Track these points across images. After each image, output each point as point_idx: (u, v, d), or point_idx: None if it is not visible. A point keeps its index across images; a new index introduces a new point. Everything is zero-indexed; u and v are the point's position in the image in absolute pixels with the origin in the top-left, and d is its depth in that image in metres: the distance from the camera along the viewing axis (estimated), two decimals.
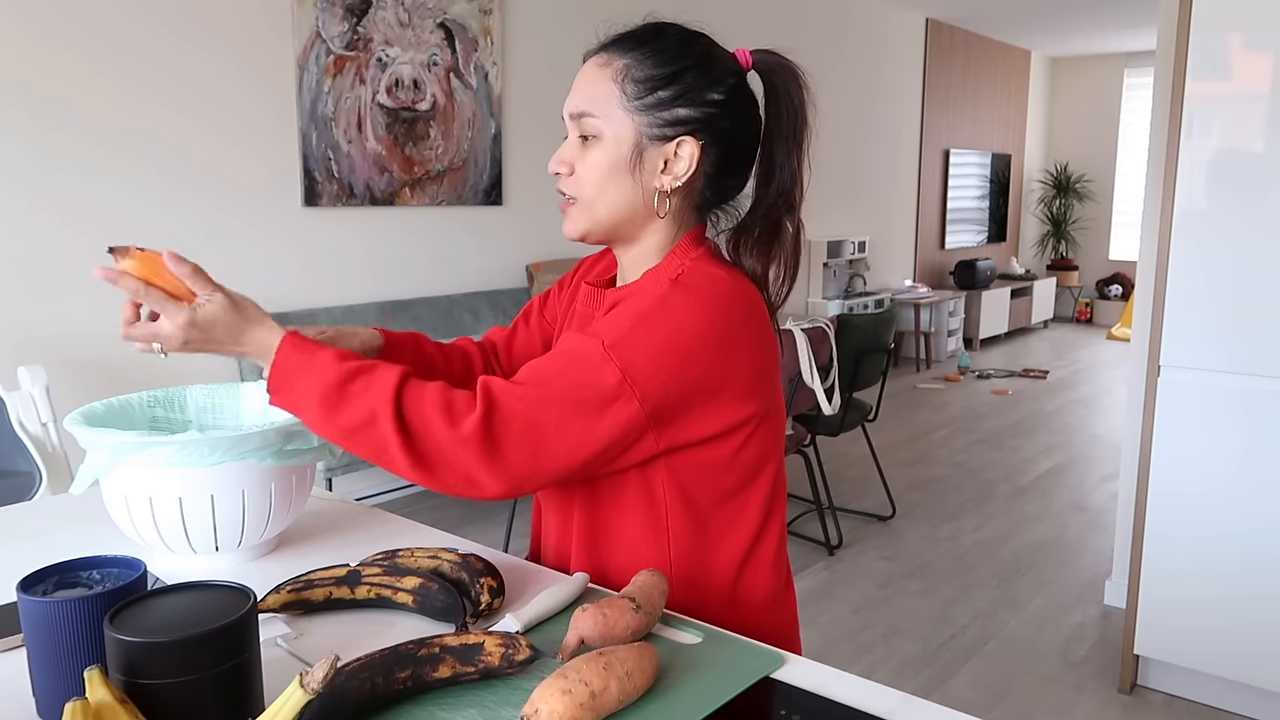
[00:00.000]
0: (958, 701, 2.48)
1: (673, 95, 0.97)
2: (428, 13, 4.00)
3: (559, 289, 1.22)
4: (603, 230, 1.01)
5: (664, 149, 0.98)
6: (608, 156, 0.98)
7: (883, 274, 7.45)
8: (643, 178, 0.98)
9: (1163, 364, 2.33)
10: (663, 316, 0.91)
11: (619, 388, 0.89)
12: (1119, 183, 9.50)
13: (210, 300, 0.93)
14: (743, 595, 1.02)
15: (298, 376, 0.91)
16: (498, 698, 0.79)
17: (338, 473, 3.33)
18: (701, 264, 0.98)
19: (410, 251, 4.11)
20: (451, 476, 0.88)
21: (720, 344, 0.93)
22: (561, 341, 0.95)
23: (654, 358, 0.90)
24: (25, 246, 2.97)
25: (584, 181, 0.99)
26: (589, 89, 0.98)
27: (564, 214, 1.03)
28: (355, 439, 0.89)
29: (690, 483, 0.98)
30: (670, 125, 0.97)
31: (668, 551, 0.99)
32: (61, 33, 2.99)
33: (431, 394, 0.89)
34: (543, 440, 0.88)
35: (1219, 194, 2.22)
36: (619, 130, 0.97)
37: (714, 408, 0.94)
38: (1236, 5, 2.15)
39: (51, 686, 0.75)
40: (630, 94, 0.96)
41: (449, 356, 1.20)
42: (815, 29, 6.30)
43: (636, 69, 0.97)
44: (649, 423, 0.91)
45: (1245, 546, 2.27)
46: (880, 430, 5.25)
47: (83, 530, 1.21)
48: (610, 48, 0.99)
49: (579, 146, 1.00)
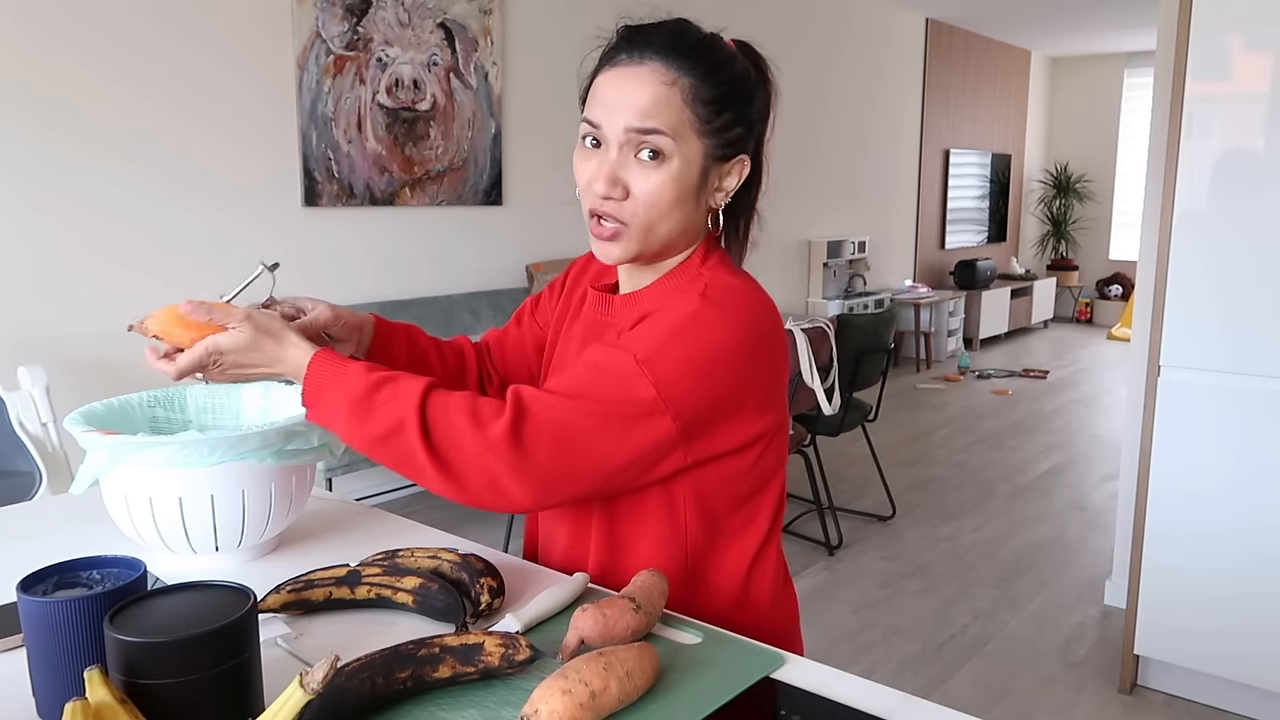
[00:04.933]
0: (958, 701, 2.48)
1: (733, 116, 0.95)
2: (428, 13, 4.00)
3: (550, 292, 1.21)
4: (651, 253, 0.98)
5: (722, 168, 0.97)
6: (678, 181, 0.94)
7: (883, 274, 7.45)
8: (704, 199, 0.98)
9: (1163, 364, 2.33)
10: (695, 332, 0.91)
11: (653, 403, 0.89)
12: (1119, 183, 9.50)
13: (237, 329, 0.94)
14: (752, 596, 1.03)
15: (329, 389, 0.91)
16: (498, 698, 0.79)
17: (338, 473, 3.33)
18: (721, 274, 0.98)
19: (410, 252, 4.11)
20: (477, 485, 0.87)
21: (748, 359, 0.93)
22: (588, 353, 0.94)
23: (687, 373, 0.89)
24: (26, 247, 2.97)
25: (644, 206, 0.94)
26: (658, 107, 0.91)
27: (600, 238, 0.96)
28: (383, 448, 0.89)
29: (709, 491, 0.98)
30: (730, 145, 0.96)
31: (684, 557, 1.00)
32: (61, 35, 2.99)
33: (458, 401, 0.88)
34: (573, 451, 0.87)
35: (1219, 194, 2.22)
36: (690, 154, 0.93)
37: (740, 420, 0.94)
38: (1236, 5, 2.15)
39: (51, 686, 0.75)
40: (701, 117, 0.93)
41: (442, 351, 1.19)
42: (815, 29, 6.30)
43: (702, 89, 0.93)
44: (679, 438, 0.91)
45: (1245, 546, 2.27)
46: (880, 430, 5.25)
47: (83, 530, 1.21)
48: (670, 61, 0.92)
49: (634, 165, 0.93)
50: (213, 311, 0.95)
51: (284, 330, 0.95)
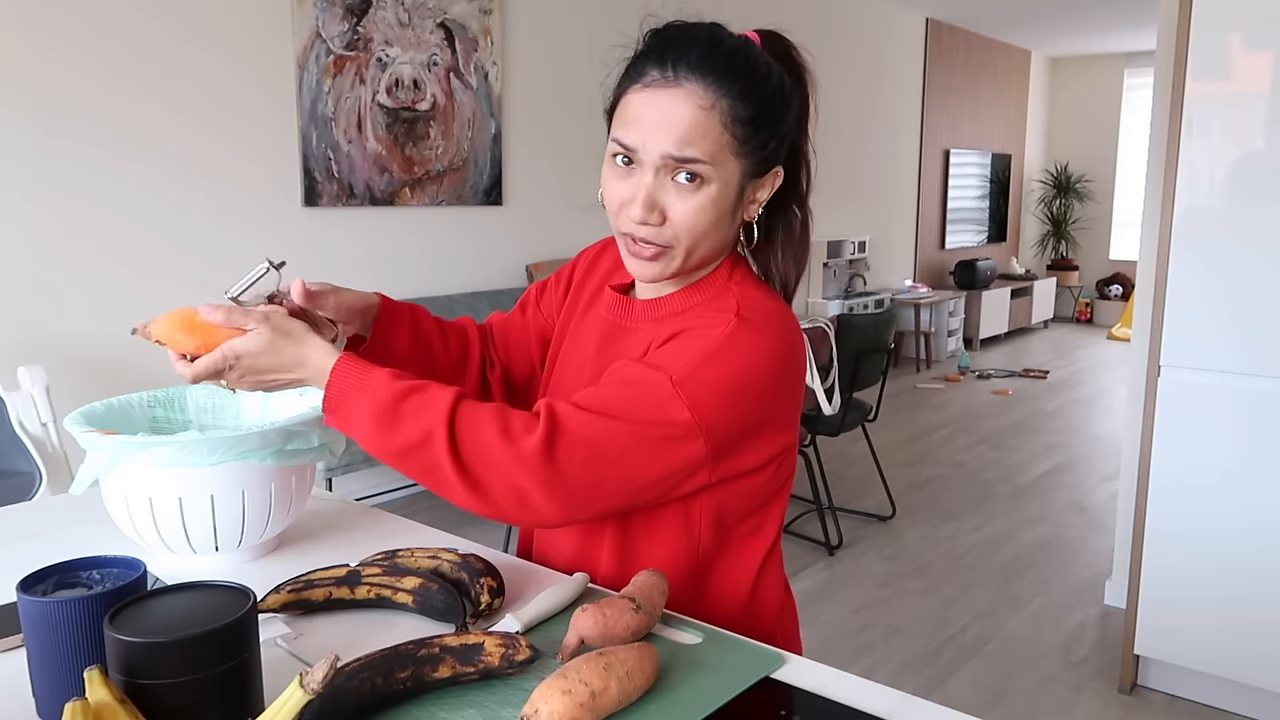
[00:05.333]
0: (958, 701, 2.48)
1: (770, 132, 0.93)
2: (428, 13, 4.00)
3: (556, 281, 1.19)
4: (689, 270, 0.98)
5: (758, 183, 0.96)
6: (718, 204, 0.93)
7: (883, 274, 7.45)
8: (739, 214, 0.97)
9: (1163, 364, 2.33)
10: (731, 356, 0.90)
11: (688, 426, 0.88)
12: (1119, 183, 9.50)
13: (255, 331, 0.91)
14: (758, 601, 1.04)
15: (352, 396, 0.89)
16: (498, 698, 0.79)
17: (338, 473, 3.33)
18: (750, 290, 0.97)
19: (410, 251, 4.11)
20: (505, 499, 0.86)
21: (779, 383, 0.93)
22: (622, 370, 0.93)
23: (723, 397, 0.89)
24: (25, 247, 2.97)
25: (685, 230, 0.93)
26: (697, 134, 0.89)
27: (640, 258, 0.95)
28: (408, 460, 0.87)
29: (726, 505, 0.98)
30: (766, 160, 0.95)
31: (694, 565, 1.00)
32: (61, 35, 2.99)
33: (489, 414, 0.87)
34: (604, 468, 0.87)
35: (1219, 194, 2.22)
36: (729, 176, 0.92)
37: (765, 439, 0.95)
38: (1236, 5, 2.15)
39: (51, 686, 0.75)
40: (740, 137, 0.91)
41: (446, 334, 1.16)
42: (815, 29, 6.29)
43: (740, 108, 0.90)
44: (708, 459, 0.91)
45: (1245, 546, 2.27)
46: (880, 430, 5.25)
47: (83, 530, 1.21)
48: (708, 82, 0.89)
49: (671, 188, 0.92)
50: (231, 315, 0.91)
51: (304, 333, 0.92)
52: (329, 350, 0.92)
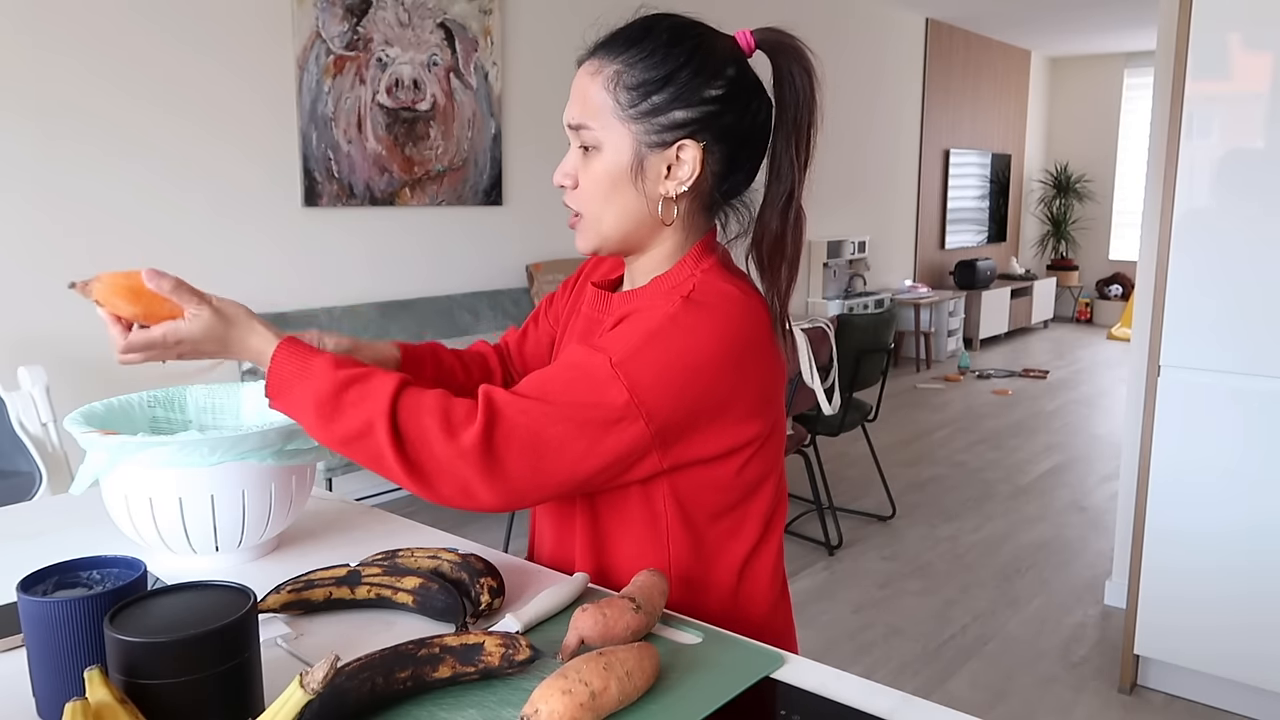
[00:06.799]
0: (958, 701, 2.48)
1: (668, 99, 0.92)
2: (428, 13, 4.00)
3: (564, 290, 1.20)
4: (613, 244, 0.99)
5: (665, 155, 0.94)
6: (608, 168, 0.94)
7: (883, 274, 7.45)
8: (646, 186, 0.95)
9: (1163, 364, 2.33)
10: (673, 335, 0.89)
11: (625, 408, 0.87)
12: (1119, 183, 9.51)
13: (197, 315, 0.92)
14: (742, 604, 1.02)
15: (293, 383, 0.90)
16: (498, 698, 0.79)
17: (338, 473, 3.33)
18: (713, 278, 0.96)
19: (410, 252, 4.11)
20: (448, 488, 0.87)
21: (728, 365, 0.91)
22: (567, 354, 0.93)
23: (662, 377, 0.88)
24: (25, 247, 2.97)
25: (588, 195, 0.96)
26: (583, 99, 0.94)
27: (571, 227, 1.00)
28: (352, 448, 0.88)
29: (690, 499, 0.97)
30: (668, 130, 0.93)
31: (668, 562, 0.99)
32: (61, 36, 2.99)
33: (429, 404, 0.87)
34: (544, 455, 0.87)
35: (1219, 194, 2.22)
36: (617, 141, 0.93)
37: (719, 428, 0.92)
38: (1236, 5, 2.15)
39: (51, 686, 0.75)
40: (624, 103, 0.92)
41: (468, 366, 1.19)
42: (815, 29, 6.29)
43: (628, 74, 0.92)
44: (654, 442, 0.90)
45: (1245, 546, 2.27)
46: (880, 430, 5.25)
47: (83, 530, 1.21)
48: (600, 52, 0.94)
49: (580, 158, 0.96)
50: (177, 291, 0.92)
51: (248, 318, 0.94)
52: (269, 336, 0.94)
